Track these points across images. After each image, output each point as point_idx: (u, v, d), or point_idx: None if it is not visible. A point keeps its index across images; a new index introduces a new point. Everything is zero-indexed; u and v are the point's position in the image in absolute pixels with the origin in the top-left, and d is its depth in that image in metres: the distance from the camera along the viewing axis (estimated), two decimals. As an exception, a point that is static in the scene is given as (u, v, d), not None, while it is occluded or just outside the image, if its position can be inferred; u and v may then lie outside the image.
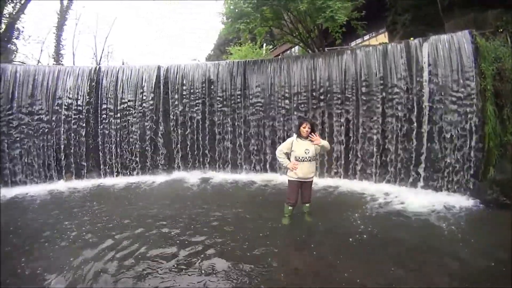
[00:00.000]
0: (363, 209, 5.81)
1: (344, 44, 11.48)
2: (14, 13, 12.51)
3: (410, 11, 10.71)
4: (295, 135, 5.18)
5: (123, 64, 11.88)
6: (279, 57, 12.11)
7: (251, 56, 13.05)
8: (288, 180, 5.18)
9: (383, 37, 11.57)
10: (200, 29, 51.06)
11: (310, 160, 5.02)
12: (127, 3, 47.53)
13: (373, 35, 12.30)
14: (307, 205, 5.32)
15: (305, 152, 4.98)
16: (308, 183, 5.19)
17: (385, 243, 4.33)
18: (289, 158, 5.15)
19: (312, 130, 5.06)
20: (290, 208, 5.18)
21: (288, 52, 17.87)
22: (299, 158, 5.00)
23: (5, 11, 12.19)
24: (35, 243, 4.79)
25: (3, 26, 12.38)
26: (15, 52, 13.57)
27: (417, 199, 6.15)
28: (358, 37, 12.15)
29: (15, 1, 12.55)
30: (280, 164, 5.28)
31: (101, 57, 19.59)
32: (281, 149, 5.18)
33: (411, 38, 7.42)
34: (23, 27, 13.67)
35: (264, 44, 16.09)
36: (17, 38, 13.29)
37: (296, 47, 15.69)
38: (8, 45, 12.75)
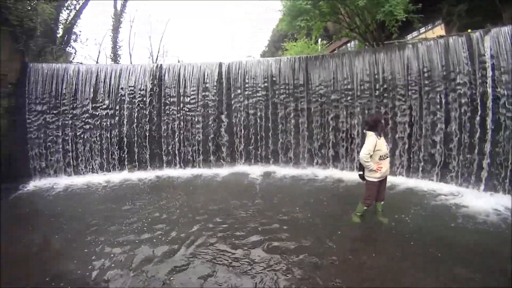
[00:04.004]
0: (424, 209, 6.64)
1: (400, 37, 12.93)
2: (70, 19, 15.25)
3: (465, 1, 11.94)
4: (373, 134, 5.56)
5: (178, 62, 13.95)
6: (341, 52, 13.74)
7: (306, 51, 14.87)
8: (369, 182, 5.66)
9: (439, 29, 12.89)
10: (253, 26, 54.15)
11: (389, 156, 5.72)
12: (179, 3, 51.28)
13: (429, 27, 13.67)
14: (382, 203, 5.95)
15: (387, 149, 5.66)
16: (385, 180, 5.83)
17: (445, 243, 4.99)
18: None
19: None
20: (365, 208, 5.82)
21: (344, 47, 19.58)
22: (383, 156, 5.53)
23: (60, 18, 14.94)
24: (105, 230, 6.01)
25: (61, 31, 15.03)
26: (74, 54, 16.40)
27: (478, 201, 6.85)
28: (414, 30, 13.56)
29: (70, 8, 15.39)
30: (364, 167, 5.59)
31: (157, 56, 22.44)
32: (368, 152, 5.47)
33: (469, 30, 8.29)
34: (80, 31, 16.60)
35: (319, 39, 17.96)
36: (75, 41, 16.12)
37: (352, 42, 17.45)
38: (67, 48, 15.42)
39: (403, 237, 5.27)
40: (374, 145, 5.46)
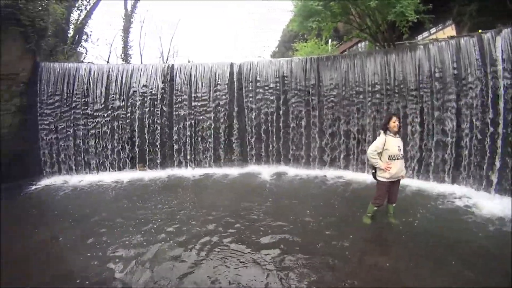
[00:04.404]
0: (434, 211, 6.74)
1: (411, 38, 13.09)
2: (81, 19, 15.80)
3: (476, 1, 12.05)
4: (382, 132, 5.69)
5: (189, 62, 14.24)
6: (352, 53, 13.94)
7: (317, 52, 15.10)
8: (379, 182, 5.72)
9: (450, 30, 13.03)
10: (256, 26, 54.66)
11: (401, 158, 5.60)
12: (183, 3, 52.14)
13: (440, 27, 13.82)
14: (393, 205, 5.96)
15: (398, 150, 5.54)
16: (397, 183, 5.79)
17: (456, 245, 5.10)
18: (379, 158, 5.62)
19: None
20: (375, 208, 5.88)
21: (354, 47, 19.80)
22: (393, 156, 5.51)
23: (71, 18, 15.45)
24: (113, 231, 6.04)
25: (72, 31, 15.46)
26: (85, 54, 16.88)
27: (489, 203, 6.87)
28: (425, 30, 13.71)
29: (80, 8, 15.85)
30: (372, 164, 5.74)
31: (167, 56, 23.11)
32: (374, 149, 5.58)
33: (479, 31, 8.31)
34: (91, 31, 17.07)
35: (330, 40, 18.23)
36: (85, 41, 16.65)
37: (362, 43, 17.68)
38: (78, 48, 15.89)
39: (414, 239, 5.37)
40: (382, 143, 5.55)
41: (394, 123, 5.56)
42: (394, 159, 5.52)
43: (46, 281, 4.44)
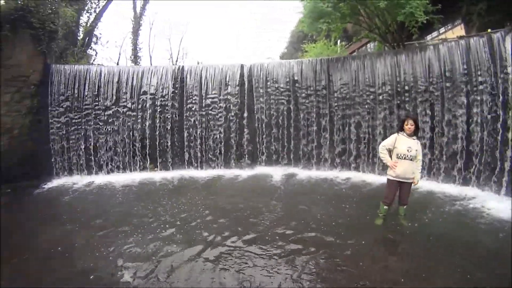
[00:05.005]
0: (445, 213, 6.83)
1: (420, 38, 13.26)
2: (91, 22, 16.25)
3: (484, 0, 11.92)
4: (396, 132, 5.97)
5: (198, 63, 14.52)
6: (362, 53, 14.14)
7: (326, 53, 15.30)
8: (387, 179, 5.95)
9: (459, 30, 13.19)
10: (258, 26, 55.01)
11: (411, 159, 5.69)
12: (194, 3, 52.59)
13: (449, 27, 13.97)
14: (404, 207, 6.10)
15: (408, 150, 5.66)
16: (407, 184, 5.88)
17: (465, 247, 5.18)
18: (390, 156, 5.84)
19: (416, 127, 5.80)
20: (385, 207, 6.01)
21: (363, 48, 20.09)
22: (400, 155, 5.70)
23: (81, 20, 15.97)
24: (121, 235, 6.00)
25: (81, 34, 15.94)
26: (95, 56, 17.29)
27: (499, 206, 6.91)
28: (434, 30, 13.88)
29: (90, 11, 16.34)
30: (380, 160, 6.23)
31: (177, 58, 23.63)
32: (384, 145, 5.90)
33: (488, 30, 8.53)
34: (101, 34, 17.56)
35: (339, 41, 18.47)
36: (95, 43, 17.07)
37: (371, 44, 17.91)
38: (87, 50, 16.25)
39: (424, 241, 5.47)
40: (392, 140, 5.82)
41: (407, 125, 5.75)
42: (401, 159, 5.70)
43: (48, 282, 4.52)
